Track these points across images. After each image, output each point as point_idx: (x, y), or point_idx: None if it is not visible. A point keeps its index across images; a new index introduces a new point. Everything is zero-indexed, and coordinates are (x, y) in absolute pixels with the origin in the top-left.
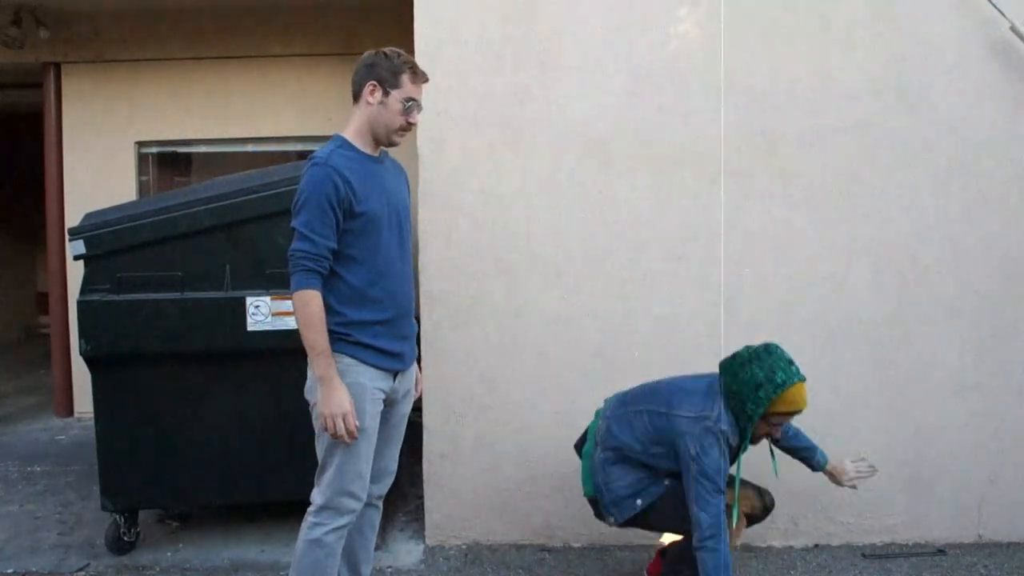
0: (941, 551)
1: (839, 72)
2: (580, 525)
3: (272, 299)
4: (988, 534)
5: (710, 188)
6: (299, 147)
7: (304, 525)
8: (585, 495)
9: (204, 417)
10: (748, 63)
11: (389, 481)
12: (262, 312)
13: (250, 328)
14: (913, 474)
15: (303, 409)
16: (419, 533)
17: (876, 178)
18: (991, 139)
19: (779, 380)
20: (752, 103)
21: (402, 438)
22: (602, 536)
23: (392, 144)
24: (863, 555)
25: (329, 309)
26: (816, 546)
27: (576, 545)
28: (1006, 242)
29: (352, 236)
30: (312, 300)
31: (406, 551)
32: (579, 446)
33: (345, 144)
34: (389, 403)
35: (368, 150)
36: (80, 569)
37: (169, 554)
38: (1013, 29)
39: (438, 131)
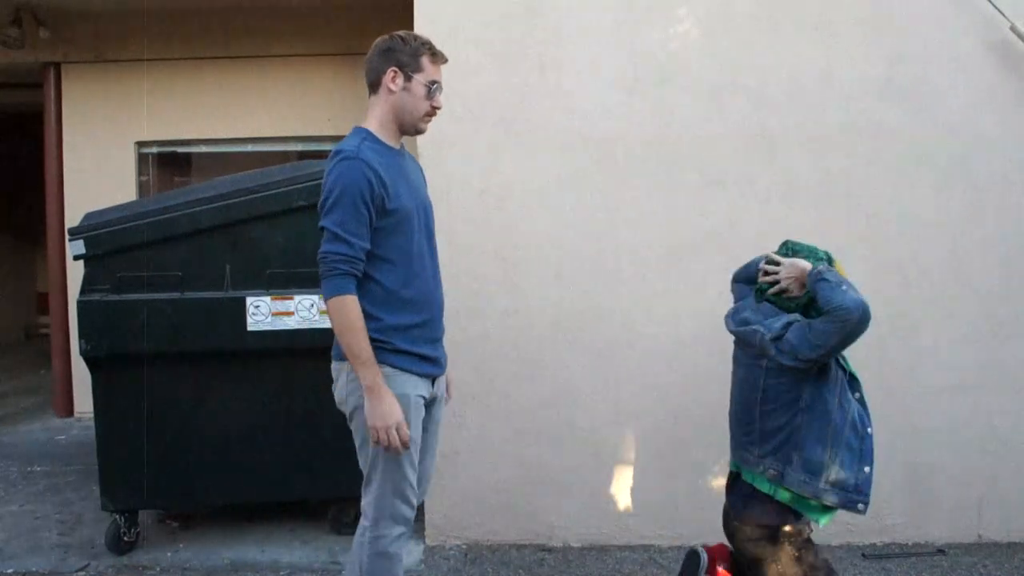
0: (941, 551)
1: (839, 72)
2: (580, 525)
3: (272, 299)
4: (988, 534)
5: (710, 188)
6: (299, 147)
7: (362, 540)
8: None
9: (204, 417)
10: (748, 63)
11: (427, 487)
12: (262, 312)
13: (250, 328)
14: (913, 474)
15: (303, 409)
16: (419, 533)
17: (876, 178)
18: (991, 139)
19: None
20: (752, 103)
21: (438, 443)
22: (602, 536)
23: (419, 132)
24: (863, 555)
25: (363, 314)
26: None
27: (576, 545)
28: (1006, 242)
29: (384, 235)
30: (352, 305)
31: (406, 551)
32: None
33: (370, 136)
34: (426, 408)
35: (391, 142)
36: (80, 569)
37: (169, 554)
38: (1013, 29)
39: (438, 131)
